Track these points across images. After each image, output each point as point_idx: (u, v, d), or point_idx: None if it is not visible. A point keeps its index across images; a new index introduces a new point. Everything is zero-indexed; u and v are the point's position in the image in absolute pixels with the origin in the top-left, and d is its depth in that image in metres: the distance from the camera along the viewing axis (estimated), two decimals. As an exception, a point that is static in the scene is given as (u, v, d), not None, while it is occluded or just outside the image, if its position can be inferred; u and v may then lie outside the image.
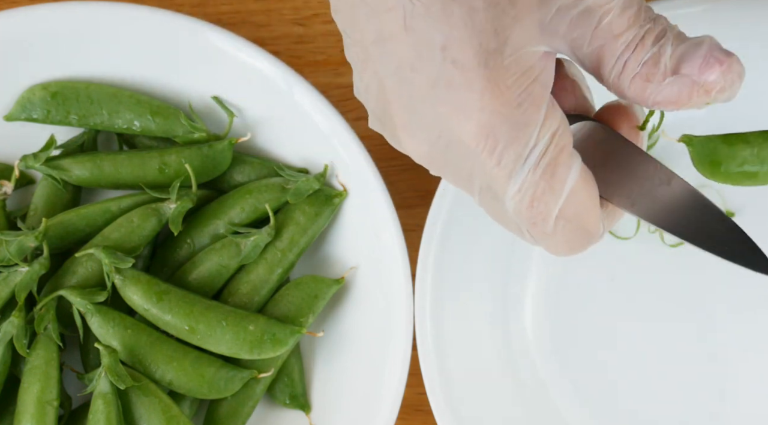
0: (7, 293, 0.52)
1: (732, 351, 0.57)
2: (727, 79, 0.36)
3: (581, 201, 0.37)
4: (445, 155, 0.37)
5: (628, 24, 0.36)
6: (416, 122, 0.37)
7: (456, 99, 0.35)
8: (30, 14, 0.56)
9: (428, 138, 0.37)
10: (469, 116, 0.35)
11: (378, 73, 0.37)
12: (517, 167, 0.36)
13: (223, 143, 0.56)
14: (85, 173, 0.56)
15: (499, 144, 0.35)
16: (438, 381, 0.54)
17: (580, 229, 0.37)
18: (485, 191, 0.38)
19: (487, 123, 0.35)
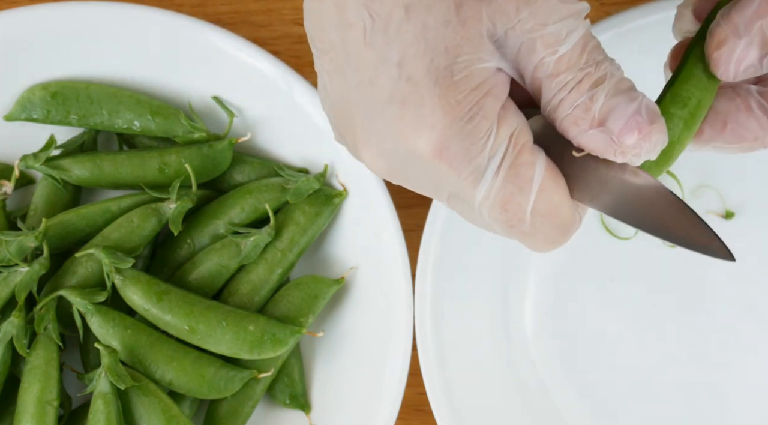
0: (7, 293, 0.52)
1: (732, 350, 0.57)
2: (643, 146, 0.36)
3: (552, 194, 0.37)
4: (404, 170, 0.38)
5: (567, 66, 0.36)
6: (374, 136, 0.38)
7: (410, 116, 0.36)
8: (30, 14, 0.56)
9: (385, 153, 0.38)
10: (422, 132, 0.36)
11: (344, 85, 0.38)
12: (479, 176, 0.37)
13: (223, 143, 0.56)
14: (85, 173, 0.56)
15: (455, 158, 0.36)
16: (438, 381, 0.54)
17: (557, 222, 0.38)
18: (454, 199, 0.39)
19: (439, 139, 0.36)
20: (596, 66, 0.36)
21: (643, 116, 0.36)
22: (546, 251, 0.40)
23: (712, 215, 0.57)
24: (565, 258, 0.57)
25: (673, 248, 0.57)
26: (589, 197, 0.38)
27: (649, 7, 0.54)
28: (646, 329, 0.57)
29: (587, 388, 0.57)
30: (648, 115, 0.36)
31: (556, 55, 0.36)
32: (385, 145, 0.38)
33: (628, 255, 0.57)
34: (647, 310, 0.57)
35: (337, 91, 0.39)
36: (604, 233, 0.58)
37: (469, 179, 0.37)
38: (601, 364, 0.57)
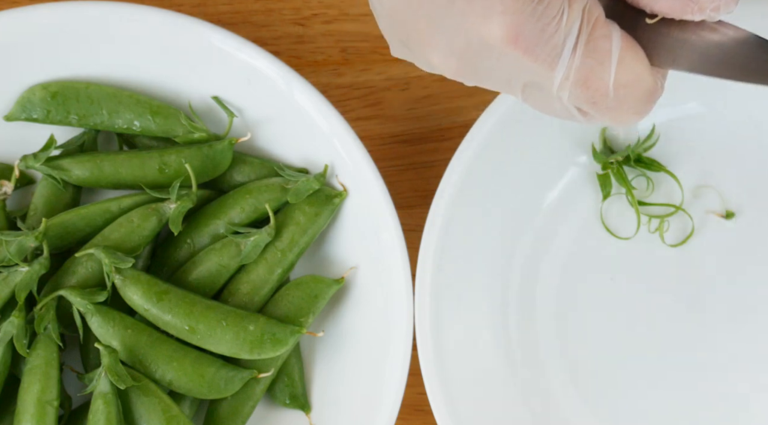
0: (7, 293, 0.52)
1: (732, 350, 0.57)
2: None
3: (632, 63, 0.37)
4: (478, 64, 0.38)
5: None
6: (443, 35, 0.37)
7: (479, 5, 0.36)
8: (30, 14, 0.56)
9: (457, 50, 0.37)
10: (493, 20, 0.36)
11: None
12: (556, 57, 0.36)
13: (223, 143, 0.56)
14: (85, 172, 0.56)
15: (530, 41, 0.36)
16: (438, 381, 0.54)
17: (640, 91, 0.38)
18: (529, 88, 0.38)
19: (512, 24, 0.36)
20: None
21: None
22: (632, 124, 0.39)
23: (712, 215, 0.57)
24: (565, 258, 0.57)
25: (673, 248, 0.57)
26: (670, 61, 0.38)
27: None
28: (647, 328, 0.57)
29: (587, 388, 0.57)
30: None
31: None
32: (456, 41, 0.37)
33: (628, 255, 0.57)
34: (647, 310, 0.57)
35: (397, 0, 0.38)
36: (604, 233, 0.58)
37: (546, 61, 0.36)
38: (601, 363, 0.57)
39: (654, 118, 0.57)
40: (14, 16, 0.56)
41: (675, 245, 0.57)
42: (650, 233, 0.58)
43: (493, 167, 0.55)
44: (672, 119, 0.58)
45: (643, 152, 0.57)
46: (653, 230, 0.57)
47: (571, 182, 0.58)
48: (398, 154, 0.61)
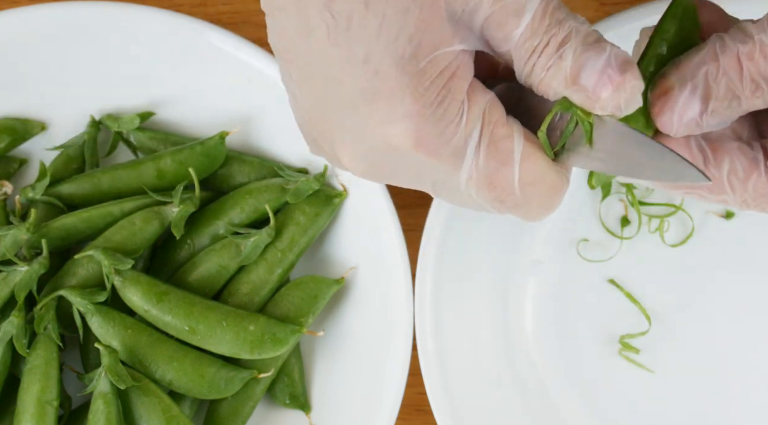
0: (7, 293, 0.52)
1: (732, 350, 0.57)
2: (621, 96, 0.36)
3: (535, 161, 0.37)
4: (385, 165, 0.38)
5: (531, 32, 0.36)
6: (350, 136, 0.38)
7: (382, 109, 0.36)
8: (30, 14, 0.56)
9: (363, 151, 0.38)
10: (396, 124, 0.36)
11: (314, 93, 0.38)
12: (459, 158, 0.37)
13: (215, 138, 0.56)
14: (85, 193, 0.56)
15: (433, 144, 0.36)
16: (438, 381, 0.54)
17: (546, 187, 0.38)
18: (439, 185, 0.39)
19: (414, 128, 0.36)
20: (560, 26, 0.36)
21: (614, 67, 0.35)
22: (541, 219, 0.39)
23: (712, 215, 0.57)
24: (565, 258, 0.58)
25: (673, 248, 0.57)
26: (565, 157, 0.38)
27: (649, 7, 0.54)
28: (647, 328, 0.57)
29: (587, 388, 0.57)
30: (618, 65, 0.35)
31: (520, 28, 0.36)
32: (363, 143, 0.38)
33: (628, 255, 0.57)
34: (647, 309, 0.57)
35: (307, 98, 0.39)
36: (604, 233, 0.58)
37: (449, 162, 0.37)
38: (601, 364, 0.57)
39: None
40: (14, 16, 0.56)
41: (675, 245, 0.57)
42: (650, 233, 0.58)
43: (493, 167, 0.55)
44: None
45: (643, 152, 0.57)
46: (653, 230, 0.57)
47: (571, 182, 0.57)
48: (398, 154, 0.61)
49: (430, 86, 0.36)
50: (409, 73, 0.36)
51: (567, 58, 0.36)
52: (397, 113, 0.36)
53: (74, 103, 0.58)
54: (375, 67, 0.36)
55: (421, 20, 0.36)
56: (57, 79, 0.58)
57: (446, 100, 0.36)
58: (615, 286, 0.57)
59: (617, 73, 0.35)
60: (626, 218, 0.58)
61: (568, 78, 0.36)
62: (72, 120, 0.58)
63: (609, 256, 0.57)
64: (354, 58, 0.36)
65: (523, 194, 0.38)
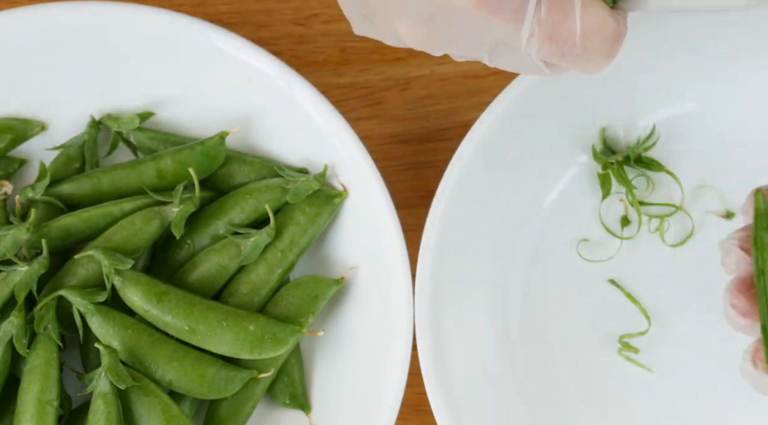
0: (7, 293, 0.52)
1: (732, 351, 0.56)
2: None
3: (594, 10, 0.38)
4: (445, 29, 0.38)
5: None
6: (409, 4, 0.38)
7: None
8: (30, 14, 0.56)
9: (423, 16, 0.38)
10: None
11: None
12: (521, 14, 0.37)
13: (215, 138, 0.56)
14: (85, 193, 0.56)
15: (495, 1, 0.36)
16: (438, 381, 0.54)
17: (606, 35, 0.38)
18: (496, 49, 0.39)
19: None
20: None
21: None
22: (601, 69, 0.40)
23: (712, 215, 0.57)
24: (566, 258, 0.58)
25: (674, 248, 0.57)
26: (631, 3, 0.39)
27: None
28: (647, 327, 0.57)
29: (587, 388, 0.57)
30: None
31: None
32: (422, 7, 0.38)
33: (628, 255, 0.57)
34: (648, 309, 0.57)
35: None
36: (604, 233, 0.58)
37: (511, 19, 0.37)
38: (601, 364, 0.57)
39: (654, 118, 0.57)
40: (14, 16, 0.56)
41: (675, 245, 0.57)
42: (650, 233, 0.58)
43: (492, 166, 0.55)
44: (672, 119, 0.58)
45: (644, 152, 0.57)
46: (653, 230, 0.57)
47: (571, 182, 0.58)
48: (398, 154, 0.61)
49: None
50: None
51: None
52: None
53: (74, 103, 0.58)
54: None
55: None
56: (57, 79, 0.58)
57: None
58: (615, 286, 0.57)
59: None
60: (626, 218, 0.58)
61: None
62: (72, 120, 0.58)
63: (609, 256, 0.57)
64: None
65: (584, 44, 0.38)
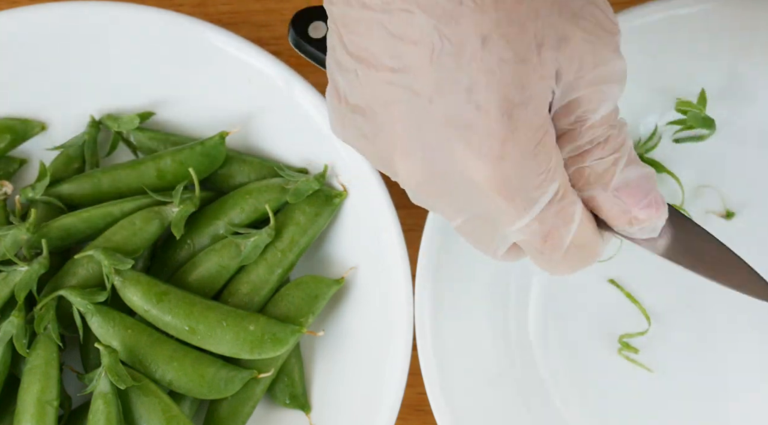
0: (7, 293, 0.52)
1: (732, 351, 0.56)
2: (652, 222, 0.40)
3: (587, 229, 0.40)
4: (442, 188, 0.39)
5: (601, 122, 0.38)
6: (421, 150, 0.38)
7: (474, 141, 0.37)
8: (30, 14, 0.56)
9: (427, 167, 0.38)
10: (486, 161, 0.37)
11: (384, 96, 0.38)
12: (528, 207, 0.38)
13: (215, 138, 0.56)
14: (85, 193, 0.56)
15: (513, 189, 0.37)
16: (438, 381, 0.54)
17: (588, 253, 0.41)
18: (476, 220, 0.40)
19: (505, 170, 0.37)
20: (619, 129, 0.39)
21: (658, 197, 0.40)
22: (568, 274, 0.43)
23: (712, 215, 0.57)
24: (565, 258, 0.57)
25: (673, 248, 0.57)
26: None
27: (649, 7, 0.54)
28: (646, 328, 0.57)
29: (587, 388, 0.57)
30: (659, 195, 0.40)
31: (598, 113, 0.38)
32: (433, 161, 0.38)
33: (628, 255, 0.57)
34: (647, 310, 0.57)
35: (373, 97, 0.38)
36: (604, 233, 0.58)
37: (518, 208, 0.38)
38: (601, 364, 0.57)
39: (656, 119, 0.57)
40: (14, 16, 0.56)
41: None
42: (650, 233, 0.57)
43: (493, 167, 0.55)
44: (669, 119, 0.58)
45: (645, 153, 0.57)
46: (653, 230, 0.57)
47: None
48: (398, 154, 0.61)
49: (532, 137, 0.37)
50: (516, 119, 0.36)
51: (619, 165, 0.39)
52: (492, 153, 0.37)
53: (74, 103, 0.58)
54: (477, 101, 0.36)
55: (539, 75, 0.36)
56: (57, 79, 0.58)
57: (540, 154, 0.37)
58: (615, 286, 0.57)
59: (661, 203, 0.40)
60: (626, 218, 0.58)
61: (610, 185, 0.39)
62: (72, 120, 0.58)
63: (609, 256, 0.57)
64: (456, 84, 0.36)
65: (567, 253, 0.40)
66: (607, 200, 0.40)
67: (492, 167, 0.37)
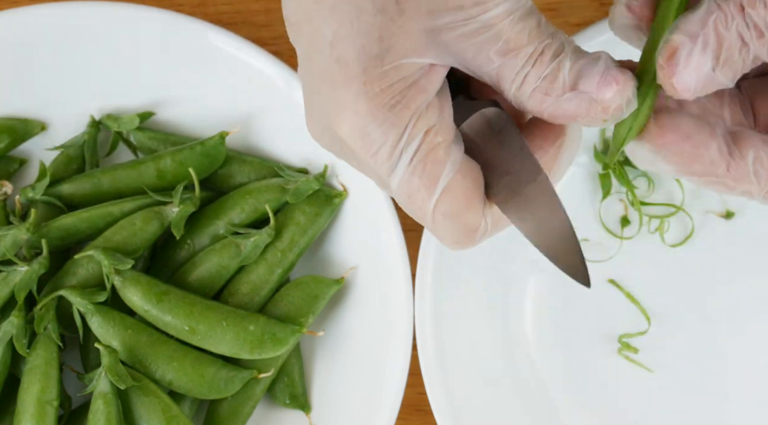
0: (7, 293, 0.52)
1: (732, 350, 0.57)
2: (623, 96, 0.36)
3: (457, 197, 0.37)
4: (336, 146, 0.39)
5: (528, 40, 0.36)
6: (315, 110, 0.38)
7: (336, 96, 0.37)
8: (30, 14, 0.56)
9: (323, 128, 0.38)
10: (346, 115, 0.37)
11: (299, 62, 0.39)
12: (392, 165, 0.37)
13: (215, 138, 0.56)
14: (85, 193, 0.56)
15: (372, 144, 0.37)
16: (438, 381, 0.54)
17: (459, 224, 0.38)
18: (380, 183, 0.39)
19: (359, 124, 0.36)
20: (552, 37, 0.36)
21: (614, 69, 0.36)
22: (453, 249, 0.40)
23: (712, 215, 0.57)
24: (565, 258, 0.57)
25: (673, 248, 0.57)
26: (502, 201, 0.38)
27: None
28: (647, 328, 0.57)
29: (587, 387, 0.57)
30: (617, 68, 0.36)
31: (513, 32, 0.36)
32: (322, 120, 0.38)
33: (628, 255, 0.57)
34: (647, 310, 0.57)
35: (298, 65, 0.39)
36: (604, 233, 0.58)
37: (384, 166, 0.37)
38: (601, 364, 0.57)
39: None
40: (14, 16, 0.56)
41: (675, 245, 0.57)
42: (650, 233, 0.58)
43: (493, 167, 0.55)
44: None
45: (644, 152, 0.57)
46: (653, 230, 0.57)
47: (571, 182, 0.58)
48: (398, 154, 0.61)
49: (387, 90, 0.36)
50: (369, 72, 0.36)
51: (564, 65, 0.36)
52: (349, 107, 0.36)
53: (74, 103, 0.58)
54: (338, 54, 0.36)
55: (398, 25, 0.36)
56: (57, 79, 0.58)
57: (398, 106, 0.36)
58: (615, 286, 0.57)
59: (619, 73, 0.36)
60: (626, 218, 0.58)
61: (566, 84, 0.36)
62: (72, 120, 0.58)
63: (609, 256, 0.57)
64: (321, 38, 0.36)
65: (434, 219, 0.38)
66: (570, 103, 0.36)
67: (351, 121, 0.36)
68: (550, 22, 0.37)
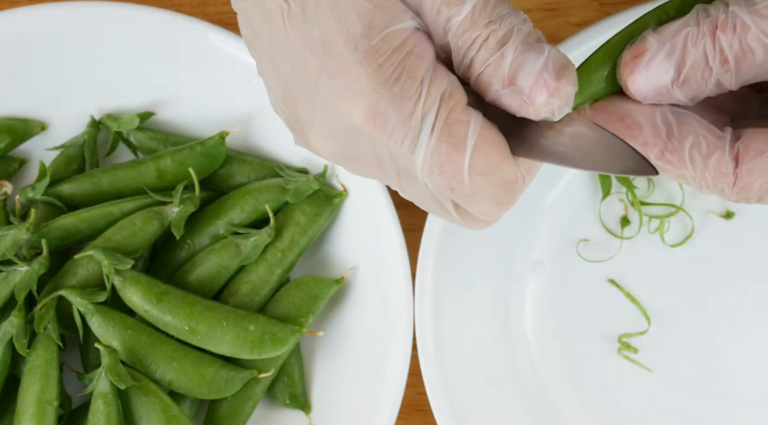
0: (7, 293, 0.52)
1: (732, 351, 0.57)
2: (555, 102, 0.35)
3: (488, 151, 0.37)
4: (349, 146, 0.38)
5: (471, 23, 0.36)
6: (317, 117, 0.38)
7: (340, 87, 0.36)
8: (30, 14, 0.56)
9: (329, 132, 0.38)
10: (354, 101, 0.36)
11: (282, 79, 0.38)
12: (414, 139, 0.36)
13: (215, 138, 0.56)
14: (85, 193, 0.56)
15: (388, 121, 0.36)
16: (438, 381, 0.54)
17: (498, 180, 0.37)
18: (402, 176, 0.38)
19: (371, 104, 0.36)
20: (501, 21, 0.36)
21: (550, 72, 0.35)
22: (495, 217, 0.39)
23: (712, 215, 0.57)
24: (565, 258, 0.57)
25: (674, 248, 0.57)
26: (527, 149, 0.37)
27: (649, 7, 0.54)
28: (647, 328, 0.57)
29: (587, 387, 0.57)
30: (555, 70, 0.35)
31: (461, 15, 0.36)
32: (327, 123, 0.38)
33: (628, 255, 0.57)
34: (648, 309, 0.57)
35: (278, 86, 0.39)
36: (604, 233, 0.58)
37: (406, 143, 0.36)
38: (601, 364, 0.57)
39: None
40: (14, 16, 0.56)
41: (675, 245, 0.57)
42: (650, 233, 0.58)
43: (493, 167, 0.55)
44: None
45: (644, 152, 0.57)
46: (653, 230, 0.57)
47: (571, 182, 0.58)
48: (398, 154, 0.61)
49: (385, 63, 0.36)
50: (361, 51, 0.36)
51: (507, 56, 0.35)
52: (354, 90, 0.36)
53: (74, 103, 0.58)
54: (330, 47, 0.36)
55: (372, 3, 0.36)
56: (57, 79, 0.58)
57: (402, 77, 0.36)
58: (615, 286, 0.57)
59: (553, 77, 0.35)
60: (626, 218, 0.58)
61: (505, 78, 0.35)
62: (72, 120, 0.58)
63: (609, 256, 0.57)
64: (311, 40, 0.36)
65: (472, 183, 0.37)
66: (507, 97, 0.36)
67: (360, 104, 0.36)
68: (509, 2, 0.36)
